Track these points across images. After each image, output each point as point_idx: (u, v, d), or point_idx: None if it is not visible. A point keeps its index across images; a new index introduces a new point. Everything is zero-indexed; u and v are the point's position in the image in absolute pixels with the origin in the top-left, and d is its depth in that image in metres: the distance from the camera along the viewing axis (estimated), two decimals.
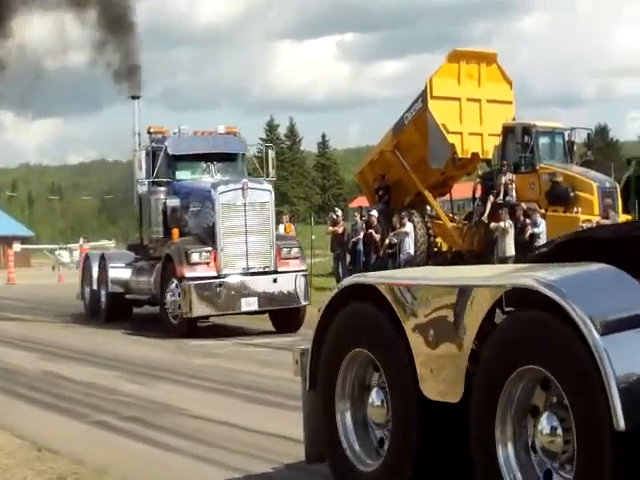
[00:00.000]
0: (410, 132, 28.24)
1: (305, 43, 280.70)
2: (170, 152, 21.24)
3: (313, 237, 33.37)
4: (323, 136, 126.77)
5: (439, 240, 30.14)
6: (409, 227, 27.73)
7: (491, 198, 27.34)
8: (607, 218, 25.12)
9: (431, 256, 28.86)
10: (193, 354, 17.04)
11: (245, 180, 20.11)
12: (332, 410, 6.86)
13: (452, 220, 29.95)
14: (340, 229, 29.97)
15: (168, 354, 17.21)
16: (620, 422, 5.01)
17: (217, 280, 19.41)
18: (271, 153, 22.62)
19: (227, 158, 22.00)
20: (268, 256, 19.83)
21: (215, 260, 19.47)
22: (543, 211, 26.35)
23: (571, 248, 6.53)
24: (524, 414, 5.70)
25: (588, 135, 29.58)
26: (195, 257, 19.42)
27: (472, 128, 27.80)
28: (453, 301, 5.94)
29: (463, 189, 35.90)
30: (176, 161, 21.42)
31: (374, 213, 28.91)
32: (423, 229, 29.05)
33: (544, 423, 5.57)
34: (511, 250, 25.27)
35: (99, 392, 13.19)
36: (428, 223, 29.40)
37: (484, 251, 26.88)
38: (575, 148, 28.89)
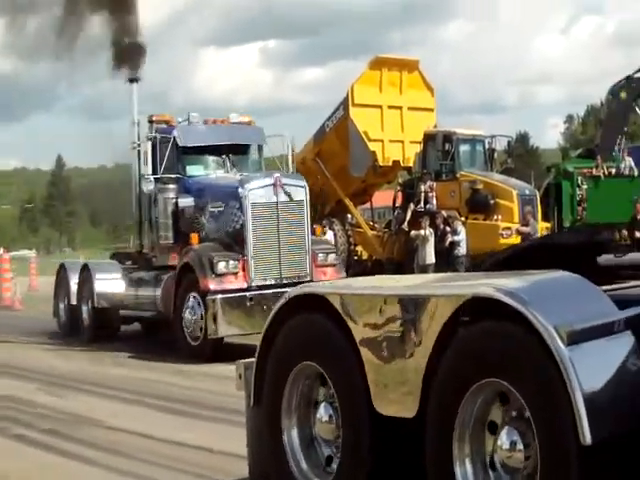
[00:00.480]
0: (331, 140, 28.06)
1: (229, 50, 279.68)
2: (180, 144, 18.29)
3: None
4: None
5: (359, 248, 29.97)
6: (329, 235, 27.54)
7: (411, 206, 27.27)
8: (527, 225, 25.23)
9: (351, 264, 28.68)
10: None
11: (278, 175, 17.39)
12: (278, 426, 6.58)
13: (372, 228, 29.85)
14: None
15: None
16: (587, 436, 4.83)
17: (248, 293, 16.52)
18: (290, 145, 19.80)
19: (244, 151, 19.29)
20: (303, 264, 17.25)
21: (244, 270, 16.66)
22: (463, 219, 26.35)
23: (526, 256, 6.36)
24: (483, 429, 5.49)
25: (508, 142, 29.76)
26: (222, 266, 16.53)
27: (393, 136, 27.71)
28: (409, 312, 5.70)
29: (384, 197, 35.85)
30: (186, 154, 18.48)
31: None
32: (343, 237, 28.87)
33: (504, 438, 5.36)
34: (431, 258, 25.22)
35: (16, 405, 12.83)
36: (348, 231, 29.22)
37: (404, 259, 26.79)
38: (496, 155, 28.97)
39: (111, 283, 19.65)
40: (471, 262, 24.80)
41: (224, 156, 18.84)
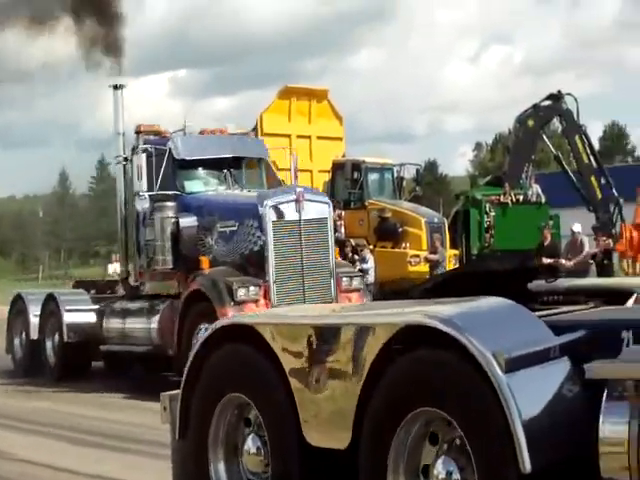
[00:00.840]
0: None
1: (138, 80, 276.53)
2: (177, 156, 16.45)
3: None
4: None
5: None
6: None
7: None
8: (435, 253, 25.33)
9: None
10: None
11: (300, 189, 15.88)
12: (204, 460, 6.37)
13: None
14: None
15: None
16: (526, 464, 4.76)
17: None
18: (295, 160, 18.81)
19: (245, 164, 17.62)
20: (328, 288, 15.71)
21: (265, 296, 15.02)
22: (372, 247, 26.37)
23: (455, 283, 6.29)
24: (418, 460, 5.37)
25: (417, 171, 29.83)
26: (242, 293, 14.82)
27: (302, 165, 27.61)
28: (340, 341, 5.57)
29: None
30: (183, 168, 16.63)
31: None
32: None
33: (440, 468, 5.25)
34: None
35: None
36: None
37: None
38: (404, 184, 29.13)
39: (84, 315, 17.67)
40: (379, 290, 24.86)
41: (225, 170, 17.15)
